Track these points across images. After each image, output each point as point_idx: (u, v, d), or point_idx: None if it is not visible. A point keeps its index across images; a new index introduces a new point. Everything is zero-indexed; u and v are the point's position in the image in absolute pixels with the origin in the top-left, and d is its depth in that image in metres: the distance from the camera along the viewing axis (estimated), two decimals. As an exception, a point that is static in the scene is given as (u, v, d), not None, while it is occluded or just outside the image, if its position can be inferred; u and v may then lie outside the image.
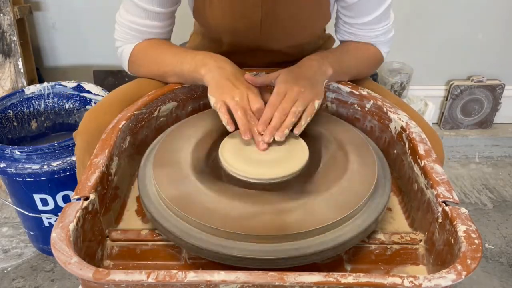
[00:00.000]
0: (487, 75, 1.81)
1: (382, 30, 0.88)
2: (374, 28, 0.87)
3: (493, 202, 1.64)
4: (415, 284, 0.47)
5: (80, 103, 1.39)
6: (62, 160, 1.14)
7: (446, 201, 0.57)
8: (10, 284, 1.27)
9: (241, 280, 0.47)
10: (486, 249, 1.43)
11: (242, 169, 0.66)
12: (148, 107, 0.80)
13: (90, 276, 0.47)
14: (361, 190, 0.62)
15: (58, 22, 1.67)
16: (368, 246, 0.62)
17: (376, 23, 0.86)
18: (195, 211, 0.59)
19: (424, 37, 1.74)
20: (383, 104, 0.80)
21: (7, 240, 1.42)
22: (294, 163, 0.67)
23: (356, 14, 0.85)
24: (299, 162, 0.67)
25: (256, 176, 0.65)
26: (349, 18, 0.87)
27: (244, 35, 0.90)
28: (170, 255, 0.62)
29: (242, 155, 0.69)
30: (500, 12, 1.70)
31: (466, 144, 1.86)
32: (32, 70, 1.60)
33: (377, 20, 0.85)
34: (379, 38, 0.89)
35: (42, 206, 1.23)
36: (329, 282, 0.47)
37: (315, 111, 0.74)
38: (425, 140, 0.69)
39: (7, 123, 1.33)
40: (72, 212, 0.54)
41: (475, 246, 0.50)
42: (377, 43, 0.91)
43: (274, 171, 0.66)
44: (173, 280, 0.47)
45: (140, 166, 0.70)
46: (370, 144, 0.74)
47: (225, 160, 0.68)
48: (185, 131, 0.76)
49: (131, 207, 0.70)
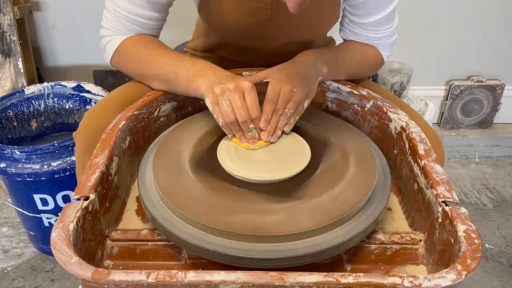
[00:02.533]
0: (487, 75, 1.81)
1: (386, 32, 0.88)
2: (378, 30, 0.87)
3: (493, 202, 1.64)
4: (415, 284, 0.47)
5: (80, 103, 1.39)
6: (62, 160, 1.14)
7: (446, 201, 0.57)
8: (10, 284, 1.27)
9: (241, 280, 0.47)
10: (486, 249, 1.43)
11: (238, 168, 0.66)
12: (148, 107, 0.80)
13: (90, 276, 0.47)
14: (352, 200, 0.61)
15: (58, 22, 1.67)
16: (368, 246, 0.62)
17: (380, 25, 0.86)
18: (179, 200, 0.60)
19: (424, 37, 1.74)
20: (383, 104, 0.80)
21: (7, 240, 1.42)
22: (293, 167, 0.67)
23: (362, 13, 0.85)
24: (297, 167, 0.67)
25: (248, 176, 0.65)
26: (355, 17, 0.87)
27: (250, 32, 0.89)
28: (170, 255, 0.62)
29: (242, 153, 0.69)
30: (500, 12, 1.70)
31: (466, 144, 1.86)
32: (32, 70, 1.60)
33: (381, 22, 0.85)
34: (381, 40, 0.89)
35: (42, 206, 1.23)
36: (329, 282, 0.47)
37: (303, 110, 0.76)
38: (425, 140, 0.69)
39: (7, 123, 1.33)
40: (72, 212, 0.54)
41: (475, 246, 0.50)
42: (379, 46, 0.91)
43: (270, 173, 0.65)
44: (173, 280, 0.47)
45: (140, 166, 0.70)
46: (378, 155, 0.73)
47: (221, 157, 0.69)
48: (191, 127, 0.76)
49: (131, 207, 0.70)
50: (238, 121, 0.69)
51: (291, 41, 0.92)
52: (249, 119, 0.69)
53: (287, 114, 0.73)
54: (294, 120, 0.75)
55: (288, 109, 0.73)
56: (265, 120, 0.71)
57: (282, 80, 0.74)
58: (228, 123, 0.70)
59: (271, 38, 0.91)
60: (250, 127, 0.70)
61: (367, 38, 0.89)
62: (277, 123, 0.73)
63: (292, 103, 0.73)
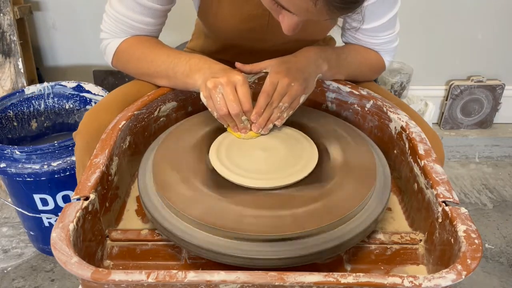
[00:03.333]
0: (487, 75, 1.81)
1: (387, 38, 0.88)
2: (379, 36, 0.87)
3: (493, 202, 1.64)
4: (415, 284, 0.47)
5: (80, 103, 1.39)
6: (62, 160, 1.14)
7: (446, 201, 0.57)
8: (10, 284, 1.27)
9: (241, 280, 0.47)
10: (486, 249, 1.42)
11: (236, 176, 0.65)
12: (148, 107, 0.80)
13: (90, 276, 0.47)
14: (352, 201, 0.61)
15: (58, 22, 1.67)
16: (368, 246, 0.62)
17: (381, 31, 0.86)
18: (179, 200, 0.61)
19: (424, 37, 1.74)
20: (383, 104, 0.80)
21: (7, 240, 1.42)
22: (295, 173, 0.66)
23: (363, 19, 0.85)
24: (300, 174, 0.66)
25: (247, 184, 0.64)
26: (356, 23, 0.86)
27: (248, 36, 0.90)
28: (170, 255, 0.62)
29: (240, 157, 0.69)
30: (500, 12, 1.70)
31: (466, 144, 1.86)
32: (32, 70, 1.60)
33: (382, 28, 0.85)
34: (382, 46, 0.89)
35: (42, 206, 1.22)
36: (329, 282, 0.47)
37: (298, 105, 0.76)
38: (425, 140, 0.69)
39: (7, 123, 1.33)
40: (72, 212, 0.54)
41: (475, 246, 0.50)
42: (380, 51, 0.91)
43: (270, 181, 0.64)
44: (173, 280, 0.47)
45: (140, 166, 0.70)
46: (378, 155, 0.73)
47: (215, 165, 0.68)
48: (191, 127, 0.77)
49: (131, 207, 0.70)
50: (230, 113, 0.71)
51: (290, 42, 0.92)
52: (241, 112, 0.71)
53: (281, 107, 0.73)
54: (288, 114, 0.75)
55: (283, 102, 0.73)
56: (256, 113, 0.72)
57: (281, 72, 0.74)
58: (221, 115, 0.72)
59: (270, 42, 0.91)
60: (242, 119, 0.72)
61: (368, 44, 0.89)
62: (269, 116, 0.73)
63: (287, 97, 0.73)
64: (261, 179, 0.64)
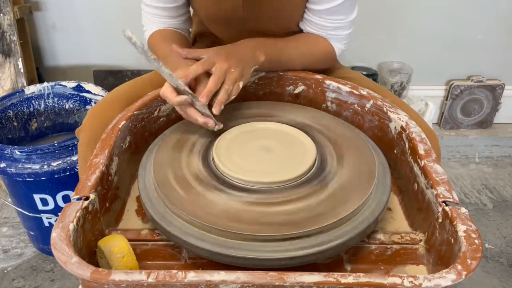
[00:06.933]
0: (487, 75, 1.81)
1: (339, 23, 0.88)
2: (331, 19, 0.87)
3: (493, 202, 1.64)
4: (415, 284, 0.47)
5: (80, 103, 1.39)
6: (62, 160, 1.14)
7: (446, 201, 0.57)
8: (10, 284, 1.27)
9: (241, 280, 0.47)
10: (486, 249, 1.43)
11: (236, 175, 0.65)
12: (148, 107, 0.80)
13: (90, 276, 0.47)
14: (352, 201, 0.61)
15: (58, 22, 1.67)
16: (368, 246, 0.62)
17: (334, 14, 0.87)
18: (179, 200, 0.61)
19: (424, 37, 1.74)
20: (383, 104, 0.80)
21: (7, 240, 1.42)
22: (293, 170, 0.66)
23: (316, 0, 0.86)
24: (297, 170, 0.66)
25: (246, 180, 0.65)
26: (312, 4, 0.87)
27: (231, 21, 0.92)
28: (170, 255, 0.62)
29: (239, 157, 0.69)
30: (500, 12, 1.70)
31: (466, 144, 1.86)
32: (32, 70, 1.60)
33: (336, 10, 0.86)
34: (335, 31, 0.90)
35: (42, 206, 1.23)
36: (329, 282, 0.47)
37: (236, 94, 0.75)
38: (425, 140, 0.69)
39: (7, 123, 1.33)
40: (72, 212, 0.54)
41: (475, 246, 0.50)
42: (332, 38, 0.91)
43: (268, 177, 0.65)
44: (173, 280, 0.47)
45: (140, 166, 0.70)
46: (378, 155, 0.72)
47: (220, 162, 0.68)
48: (191, 127, 0.76)
49: (131, 207, 0.70)
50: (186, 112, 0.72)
51: (273, 26, 0.93)
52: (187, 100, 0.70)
53: (227, 90, 0.72)
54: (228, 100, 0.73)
55: (228, 85, 0.72)
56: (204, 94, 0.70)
57: (221, 55, 0.75)
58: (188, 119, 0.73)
59: (252, 25, 0.92)
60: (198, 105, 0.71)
61: (321, 28, 0.89)
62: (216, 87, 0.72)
63: (228, 81, 0.73)
64: (261, 178, 0.64)
